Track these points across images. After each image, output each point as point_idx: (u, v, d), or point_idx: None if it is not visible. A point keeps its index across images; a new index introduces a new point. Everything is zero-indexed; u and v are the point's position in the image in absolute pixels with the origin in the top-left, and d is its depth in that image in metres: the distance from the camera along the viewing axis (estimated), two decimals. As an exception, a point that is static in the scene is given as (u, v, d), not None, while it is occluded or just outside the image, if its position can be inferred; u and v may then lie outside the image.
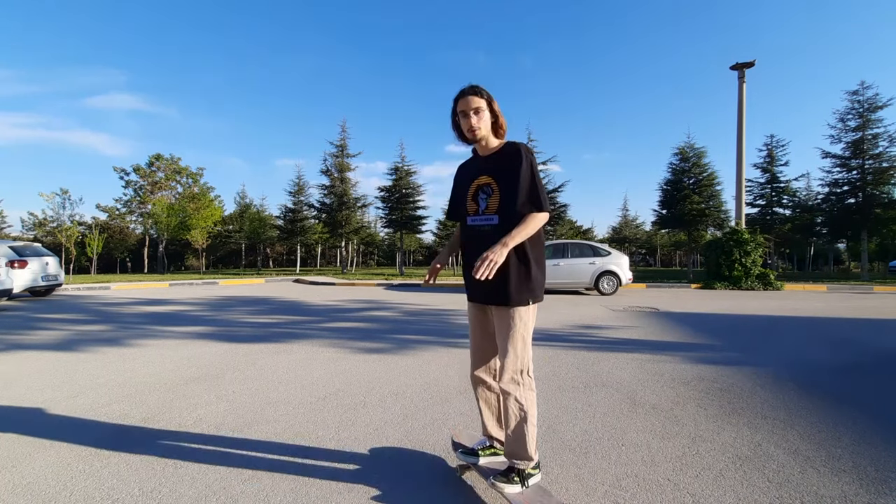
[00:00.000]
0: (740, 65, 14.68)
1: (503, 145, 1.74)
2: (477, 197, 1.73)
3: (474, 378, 1.86)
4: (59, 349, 4.45)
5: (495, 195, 1.67)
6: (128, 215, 33.06)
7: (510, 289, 1.62)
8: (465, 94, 1.68)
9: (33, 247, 10.19)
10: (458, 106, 1.70)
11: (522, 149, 1.67)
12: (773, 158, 21.81)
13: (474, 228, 1.73)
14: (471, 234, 1.75)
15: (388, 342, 4.86)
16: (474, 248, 1.71)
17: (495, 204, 1.67)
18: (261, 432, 2.35)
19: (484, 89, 1.70)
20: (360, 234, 27.83)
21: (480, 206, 1.72)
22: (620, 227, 39.24)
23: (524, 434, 1.64)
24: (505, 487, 1.62)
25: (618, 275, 10.74)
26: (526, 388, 1.66)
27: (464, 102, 1.68)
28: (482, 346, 1.83)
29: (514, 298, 1.62)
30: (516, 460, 1.67)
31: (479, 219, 1.71)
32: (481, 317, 1.80)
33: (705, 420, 2.54)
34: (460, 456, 1.88)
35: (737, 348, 4.56)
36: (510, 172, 1.65)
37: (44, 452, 2.10)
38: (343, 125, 23.90)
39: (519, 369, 1.65)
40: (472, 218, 1.74)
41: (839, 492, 1.77)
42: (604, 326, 5.94)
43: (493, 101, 1.71)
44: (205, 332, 5.46)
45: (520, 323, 1.64)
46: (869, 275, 18.99)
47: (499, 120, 1.73)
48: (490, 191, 1.69)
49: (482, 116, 1.68)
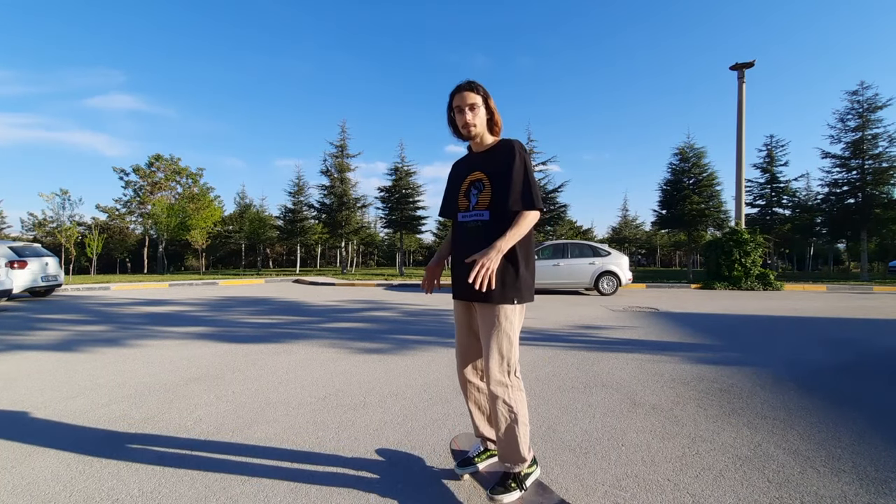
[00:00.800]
0: (740, 65, 14.70)
1: (497, 142, 1.73)
2: (469, 193, 1.72)
3: (462, 378, 1.84)
4: (58, 349, 4.45)
5: (486, 191, 1.65)
6: (127, 216, 33.07)
7: (497, 285, 1.56)
8: (461, 89, 1.67)
9: (33, 247, 10.19)
10: (453, 101, 1.69)
11: (516, 146, 1.65)
12: (773, 158, 21.83)
13: (464, 225, 1.71)
14: (461, 230, 1.73)
15: (387, 342, 4.86)
16: (464, 245, 1.69)
17: (486, 200, 1.65)
18: (261, 433, 2.35)
19: (480, 85, 1.68)
20: (360, 234, 27.83)
21: (471, 201, 1.70)
22: (620, 228, 39.25)
23: (516, 436, 1.61)
24: (504, 498, 1.58)
25: (617, 275, 10.75)
26: (514, 388, 1.61)
27: (459, 98, 1.66)
28: (468, 344, 1.80)
29: (499, 296, 1.58)
30: (510, 464, 1.65)
31: (470, 215, 1.69)
32: (466, 315, 1.78)
33: (705, 420, 2.54)
34: (458, 469, 1.86)
35: (737, 348, 4.56)
36: (503, 169, 1.62)
37: (44, 453, 2.10)
38: (343, 125, 23.93)
39: (505, 370, 1.60)
40: (462, 214, 1.73)
41: (839, 492, 1.77)
42: (604, 326, 5.94)
43: (490, 98, 1.69)
44: (205, 332, 5.46)
45: (505, 322, 1.58)
46: (869, 275, 18.99)
47: (494, 117, 1.71)
48: (482, 186, 1.67)
49: (477, 113, 1.66)
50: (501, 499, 1.58)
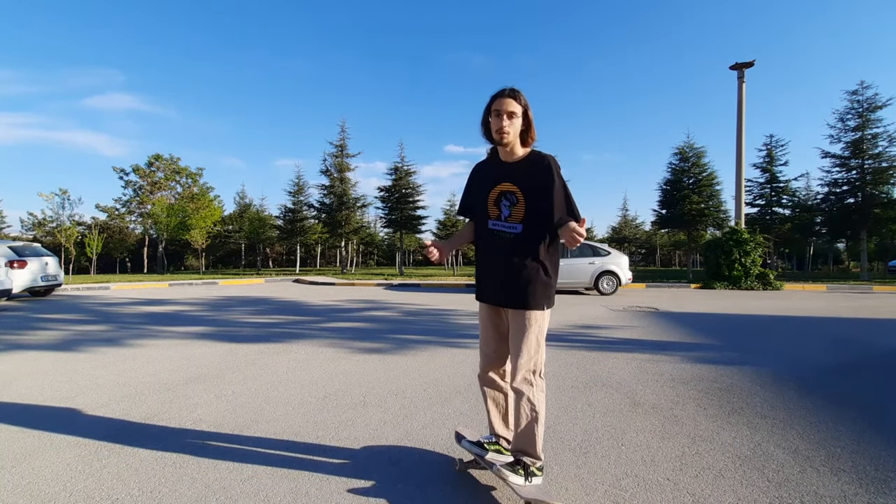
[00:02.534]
0: (740, 65, 14.69)
1: (529, 154, 1.75)
2: (499, 202, 1.75)
3: (485, 378, 1.86)
4: (58, 349, 4.45)
5: (520, 205, 1.70)
6: (127, 215, 33.02)
7: (530, 293, 1.66)
8: (504, 94, 1.69)
9: (33, 247, 10.18)
10: (492, 104, 1.70)
11: (552, 164, 1.68)
12: (773, 158, 21.79)
13: (496, 233, 1.76)
14: (491, 237, 1.78)
15: (387, 342, 4.86)
16: (494, 252, 1.76)
17: (520, 213, 1.70)
18: (260, 432, 2.35)
19: (522, 95, 1.71)
20: (360, 234, 27.79)
21: (503, 212, 1.74)
22: (620, 227, 39.25)
23: (534, 434, 1.67)
24: (510, 476, 1.65)
25: (617, 275, 10.74)
26: (538, 389, 1.68)
27: (499, 102, 1.68)
28: (496, 348, 1.84)
29: (533, 302, 1.67)
30: (523, 456, 1.70)
31: (502, 224, 1.74)
32: (495, 318, 1.83)
33: (705, 420, 2.54)
34: (466, 446, 1.86)
35: (736, 348, 4.57)
36: (538, 186, 1.67)
37: (44, 452, 2.10)
38: (343, 125, 23.87)
39: (532, 370, 1.68)
40: (493, 222, 1.77)
41: (839, 491, 1.77)
42: (603, 326, 5.94)
43: (529, 109, 1.72)
44: (204, 332, 5.46)
45: (535, 326, 1.68)
46: (868, 274, 18.99)
47: (530, 129, 1.74)
48: (515, 199, 1.71)
49: (514, 122, 1.68)
50: (508, 475, 1.65)
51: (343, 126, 23.84)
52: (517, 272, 1.68)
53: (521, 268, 1.68)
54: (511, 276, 1.69)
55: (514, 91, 1.69)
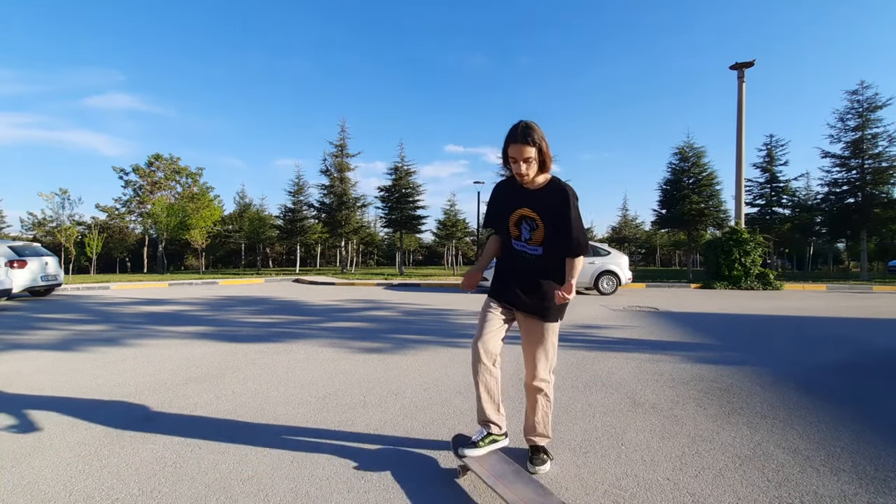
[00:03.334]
0: (740, 64, 14.69)
1: (549, 182, 1.88)
2: (520, 225, 1.93)
3: (479, 367, 1.89)
4: (58, 349, 4.45)
5: (539, 230, 1.88)
6: (127, 215, 33.04)
7: (550, 307, 1.89)
8: (518, 141, 1.75)
9: (33, 247, 10.17)
10: (509, 150, 1.80)
11: (570, 193, 1.83)
12: (773, 158, 21.80)
13: (519, 252, 1.96)
14: (515, 254, 1.98)
15: (387, 342, 4.86)
16: (518, 265, 1.97)
17: (539, 237, 1.89)
18: (260, 432, 2.35)
19: (536, 133, 1.76)
20: (360, 233, 27.83)
21: (523, 234, 1.93)
22: (620, 227, 39.26)
23: (548, 419, 1.99)
24: (544, 468, 1.92)
25: (617, 274, 10.75)
26: (552, 384, 1.99)
27: (515, 150, 1.77)
28: (495, 332, 1.95)
29: (552, 316, 1.91)
30: (538, 439, 1.98)
31: (524, 245, 1.94)
32: (506, 315, 1.98)
33: (705, 420, 2.54)
34: (462, 450, 1.86)
35: (737, 348, 4.57)
36: (556, 213, 1.84)
37: (43, 452, 2.10)
38: (343, 125, 23.90)
39: (548, 370, 1.95)
40: (516, 242, 1.97)
41: (838, 491, 1.77)
42: (603, 326, 5.94)
43: (543, 141, 1.80)
44: (205, 332, 5.46)
45: (552, 335, 1.93)
46: (868, 274, 19.00)
47: (546, 161, 1.83)
48: (535, 225, 1.89)
49: (531, 164, 1.79)
50: (543, 468, 1.92)
51: (343, 126, 23.88)
52: (540, 287, 1.89)
53: (543, 285, 1.89)
54: (534, 290, 1.90)
55: (528, 134, 1.75)
